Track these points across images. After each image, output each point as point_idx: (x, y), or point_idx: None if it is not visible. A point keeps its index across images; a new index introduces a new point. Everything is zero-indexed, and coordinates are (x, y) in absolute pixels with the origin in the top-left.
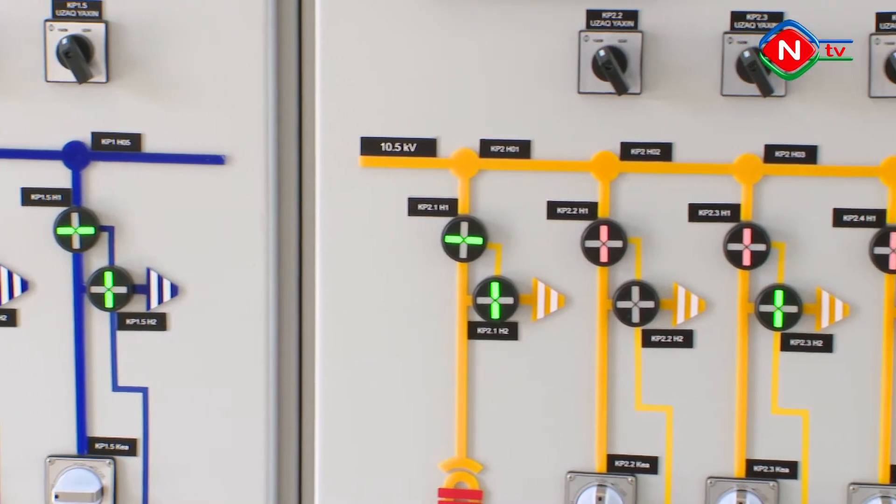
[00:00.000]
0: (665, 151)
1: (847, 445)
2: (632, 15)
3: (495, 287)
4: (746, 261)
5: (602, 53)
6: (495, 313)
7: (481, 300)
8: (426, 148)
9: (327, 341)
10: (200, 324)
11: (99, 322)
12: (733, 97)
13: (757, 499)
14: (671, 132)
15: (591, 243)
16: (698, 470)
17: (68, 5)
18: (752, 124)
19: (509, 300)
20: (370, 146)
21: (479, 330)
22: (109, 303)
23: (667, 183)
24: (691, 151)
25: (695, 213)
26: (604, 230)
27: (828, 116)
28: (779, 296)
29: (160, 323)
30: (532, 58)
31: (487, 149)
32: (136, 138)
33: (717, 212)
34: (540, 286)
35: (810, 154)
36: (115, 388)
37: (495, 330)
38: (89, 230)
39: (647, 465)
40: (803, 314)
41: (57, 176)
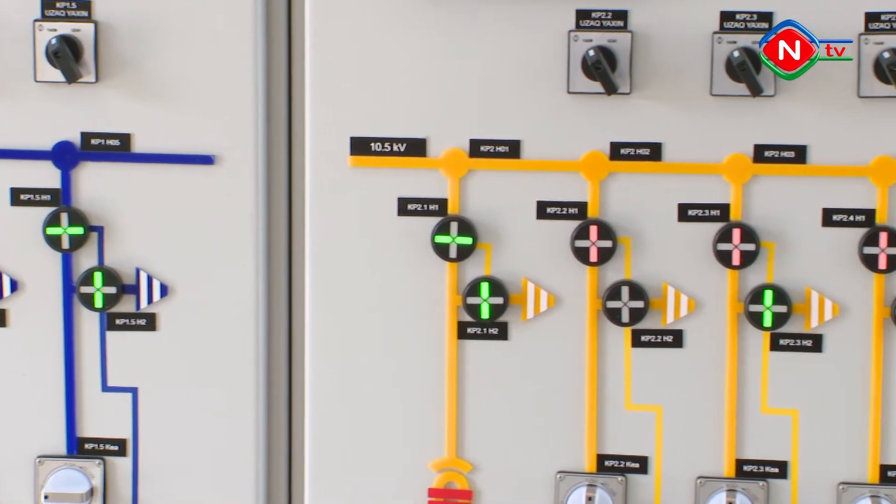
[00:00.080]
0: (655, 151)
1: (836, 445)
2: (621, 15)
3: (485, 287)
4: (736, 260)
5: (591, 53)
6: (485, 313)
7: (471, 300)
8: (416, 148)
9: (316, 341)
10: (190, 324)
11: (88, 322)
12: (723, 97)
13: (747, 498)
14: (661, 132)
15: (580, 243)
16: (688, 470)
17: (57, 5)
18: (742, 124)
19: (499, 300)
20: (360, 146)
21: (468, 330)
22: (99, 303)
23: (656, 183)
24: (681, 151)
25: (684, 212)
26: (593, 230)
27: (817, 116)
28: (768, 295)
29: (150, 323)
30: (522, 58)
31: (477, 149)
32: (125, 138)
33: (707, 212)
34: (530, 286)
35: (800, 154)
36: (105, 388)
37: (485, 330)
38: (79, 230)
39: (637, 465)
40: (793, 314)
41: (46, 176)
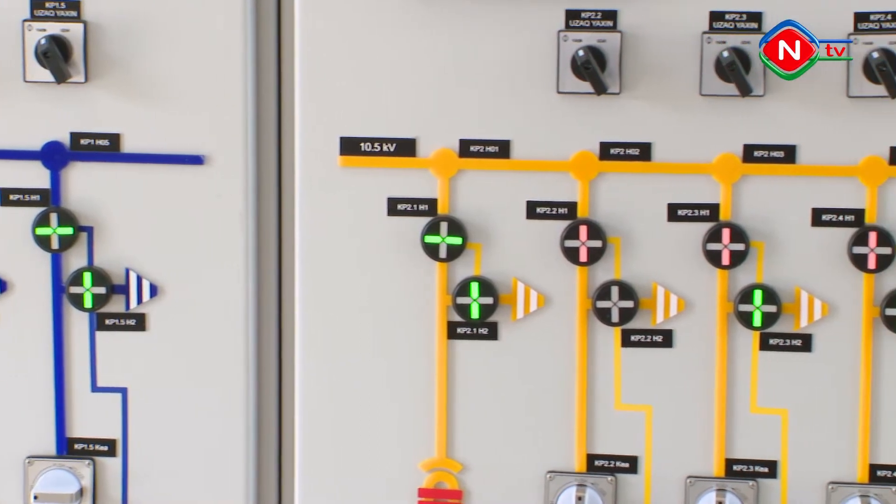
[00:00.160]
0: (644, 151)
1: (826, 445)
2: (611, 15)
3: (475, 287)
4: (725, 260)
5: (581, 53)
6: (475, 313)
7: (461, 300)
8: (406, 148)
9: (307, 341)
10: (180, 324)
11: (78, 322)
12: (712, 97)
13: (736, 498)
14: (650, 132)
15: (570, 243)
16: (678, 469)
17: (47, 5)
18: (731, 124)
19: (489, 300)
20: (350, 146)
21: (458, 330)
22: (88, 303)
23: (646, 183)
24: (670, 151)
25: (674, 212)
26: (583, 230)
27: (806, 116)
28: (758, 295)
29: (139, 323)
30: (511, 58)
31: (467, 149)
32: (114, 138)
33: (696, 211)
34: (519, 286)
35: (789, 154)
36: (95, 388)
37: (475, 330)
38: (68, 230)
39: (627, 465)
40: (782, 314)
41: (35, 176)
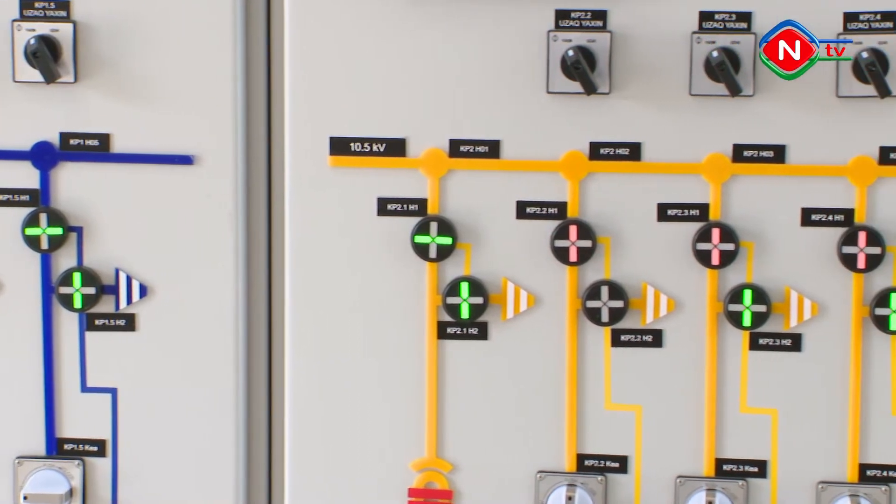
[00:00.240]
0: (634, 151)
1: (816, 444)
2: (600, 15)
3: (465, 287)
4: (715, 260)
5: (571, 53)
6: (465, 313)
7: (451, 300)
8: (395, 148)
9: (296, 341)
10: (169, 324)
11: (67, 323)
12: (702, 97)
13: (726, 498)
14: (640, 132)
15: (560, 243)
16: (668, 469)
17: (36, 5)
18: (721, 124)
19: (479, 300)
20: (339, 146)
21: (448, 330)
22: (78, 303)
23: (636, 183)
24: (660, 151)
25: (664, 212)
26: (573, 230)
27: (796, 116)
28: (747, 295)
29: (129, 323)
30: (501, 58)
31: (457, 149)
32: (104, 138)
33: (686, 211)
34: (509, 286)
35: (778, 153)
36: (84, 388)
37: (465, 330)
38: (57, 231)
39: (617, 465)
40: (772, 313)
41: (25, 176)
